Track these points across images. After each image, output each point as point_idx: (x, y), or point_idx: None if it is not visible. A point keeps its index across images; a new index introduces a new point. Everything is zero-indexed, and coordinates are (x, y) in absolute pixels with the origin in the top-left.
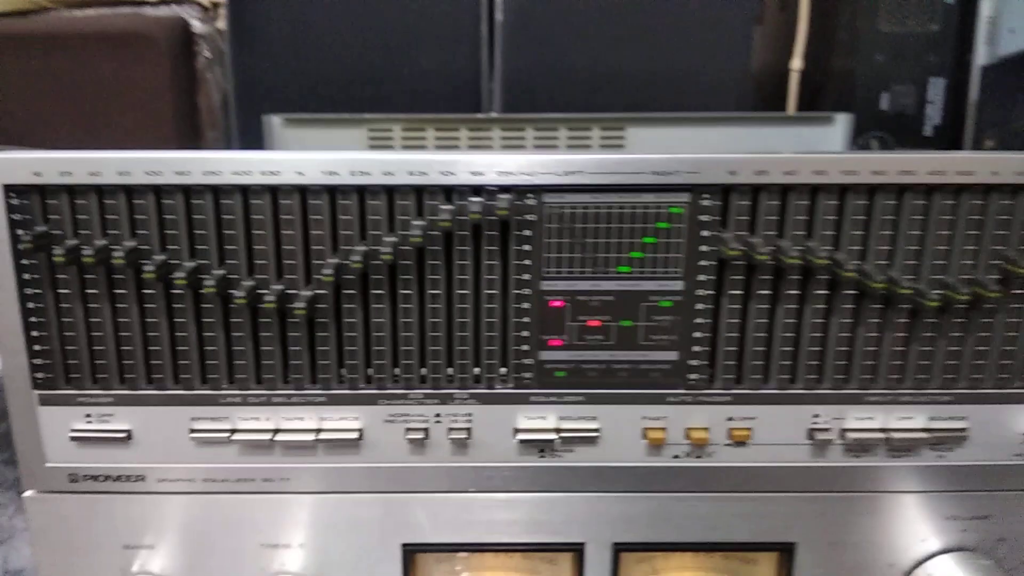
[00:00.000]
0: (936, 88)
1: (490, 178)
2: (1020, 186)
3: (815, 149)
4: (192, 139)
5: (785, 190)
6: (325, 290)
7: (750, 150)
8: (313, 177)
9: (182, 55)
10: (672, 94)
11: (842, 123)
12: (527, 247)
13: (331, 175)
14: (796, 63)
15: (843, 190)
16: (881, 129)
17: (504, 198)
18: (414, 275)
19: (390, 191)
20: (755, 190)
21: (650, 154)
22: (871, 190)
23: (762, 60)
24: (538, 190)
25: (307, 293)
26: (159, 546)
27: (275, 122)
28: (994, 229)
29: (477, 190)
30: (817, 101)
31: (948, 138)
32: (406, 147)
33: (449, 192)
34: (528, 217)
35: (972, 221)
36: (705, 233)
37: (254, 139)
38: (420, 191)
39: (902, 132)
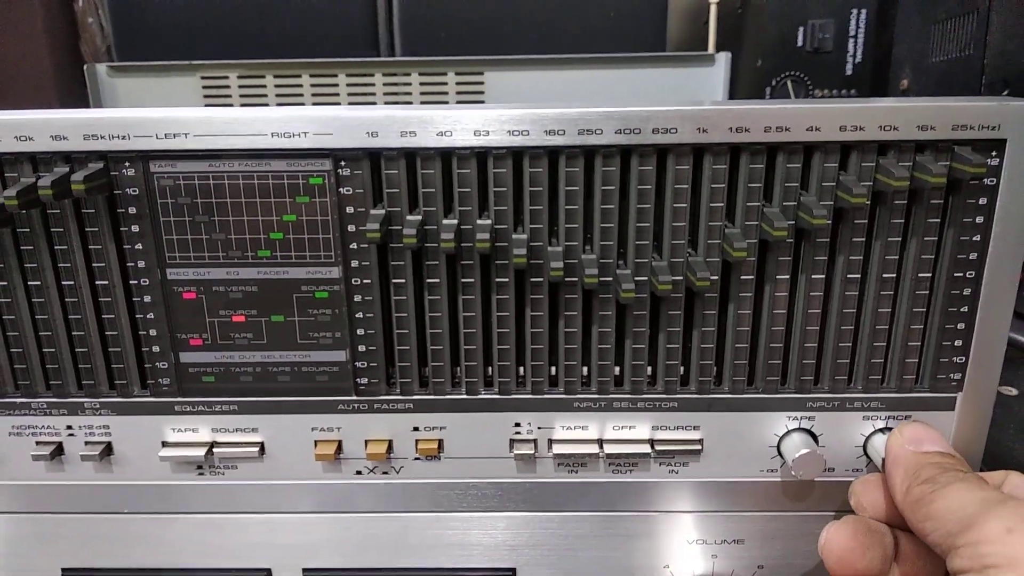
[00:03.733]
0: (858, 21)
1: (75, 143)
2: (740, 146)
3: (695, 92)
4: (77, 88)
5: (445, 156)
6: None
7: (627, 93)
8: None
9: None
10: (586, 34)
11: (723, 63)
12: (135, 227)
13: None
14: None
15: (517, 155)
16: (798, 68)
17: (94, 167)
18: (12, 261)
19: None
20: (408, 156)
21: (273, 110)
22: (551, 154)
23: None
24: (136, 156)
25: None
26: None
27: (100, 71)
28: (710, 200)
29: (67, 157)
30: (739, 39)
31: (872, 78)
32: (244, 96)
33: (34, 159)
34: (129, 190)
35: (679, 191)
36: (351, 209)
37: None
38: None
39: (821, 71)
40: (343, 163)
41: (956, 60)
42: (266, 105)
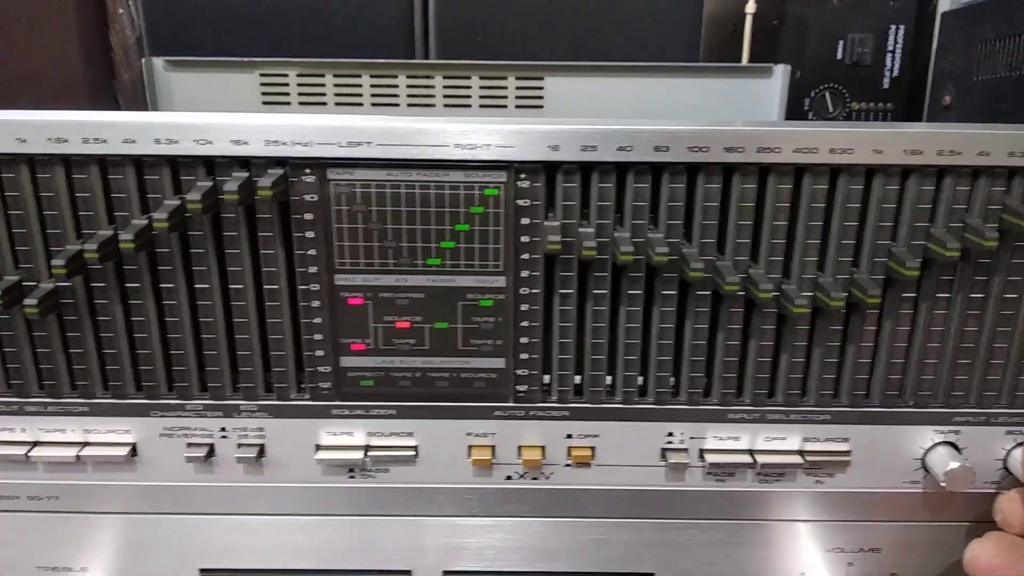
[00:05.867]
0: (896, 37)
1: (256, 148)
2: (910, 168)
3: (752, 103)
4: (105, 81)
5: (622, 169)
6: (67, 283)
7: (681, 103)
8: (38, 145)
9: None
10: (620, 41)
11: (780, 75)
12: (309, 233)
13: (60, 143)
14: (750, 6)
15: (692, 170)
16: (836, 81)
17: (273, 173)
18: (178, 264)
19: (136, 162)
20: (584, 169)
21: (454, 121)
22: (726, 170)
23: (717, 5)
24: (317, 164)
25: (47, 286)
26: None
27: (157, 65)
28: (878, 220)
29: (243, 162)
30: (773, 50)
31: (908, 92)
32: (303, 95)
33: (209, 164)
34: (307, 197)
35: (849, 210)
36: (526, 220)
37: None
38: (173, 162)
39: (859, 84)
40: (522, 175)
41: (1005, 80)
42: (324, 104)
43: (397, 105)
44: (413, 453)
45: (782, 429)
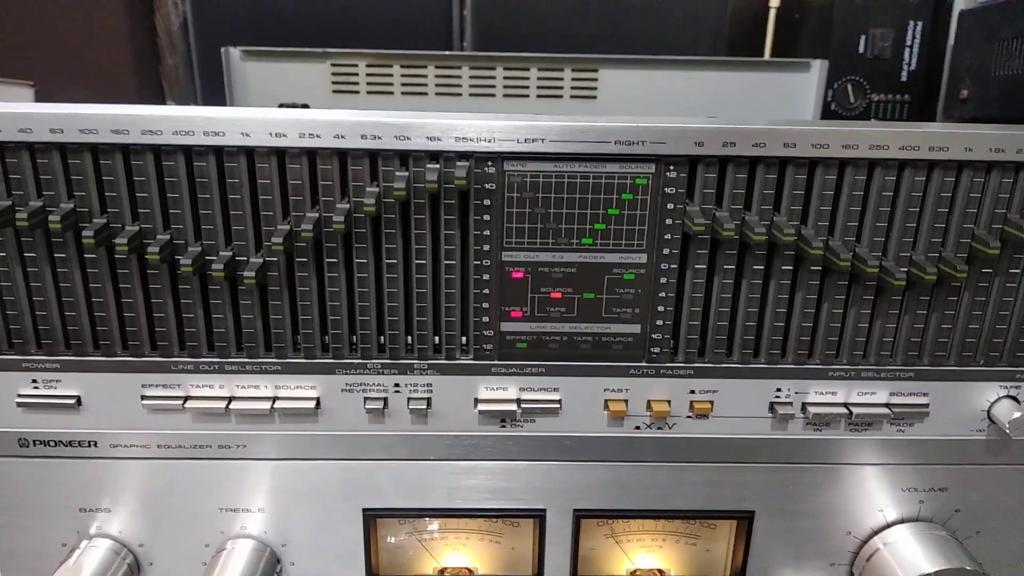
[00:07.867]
0: (915, 32)
1: (447, 144)
2: (994, 163)
3: (790, 96)
4: (150, 65)
5: (753, 163)
6: (275, 258)
7: (723, 95)
8: (259, 139)
9: None
10: (647, 34)
11: (817, 70)
12: (486, 217)
13: (278, 137)
14: (775, 0)
15: (813, 164)
16: (857, 73)
17: (462, 165)
18: (369, 243)
19: (342, 155)
20: (722, 162)
21: (615, 120)
22: (841, 164)
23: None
24: (497, 157)
25: (257, 261)
26: (116, 509)
27: (234, 54)
28: (965, 207)
29: (434, 156)
30: (794, 43)
31: (923, 84)
32: (371, 84)
33: (405, 157)
34: (487, 186)
35: (942, 198)
36: (670, 206)
37: (213, 68)
38: (374, 155)
39: (878, 77)
40: (671, 167)
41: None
42: (391, 94)
43: (459, 95)
44: (558, 406)
45: (873, 385)
